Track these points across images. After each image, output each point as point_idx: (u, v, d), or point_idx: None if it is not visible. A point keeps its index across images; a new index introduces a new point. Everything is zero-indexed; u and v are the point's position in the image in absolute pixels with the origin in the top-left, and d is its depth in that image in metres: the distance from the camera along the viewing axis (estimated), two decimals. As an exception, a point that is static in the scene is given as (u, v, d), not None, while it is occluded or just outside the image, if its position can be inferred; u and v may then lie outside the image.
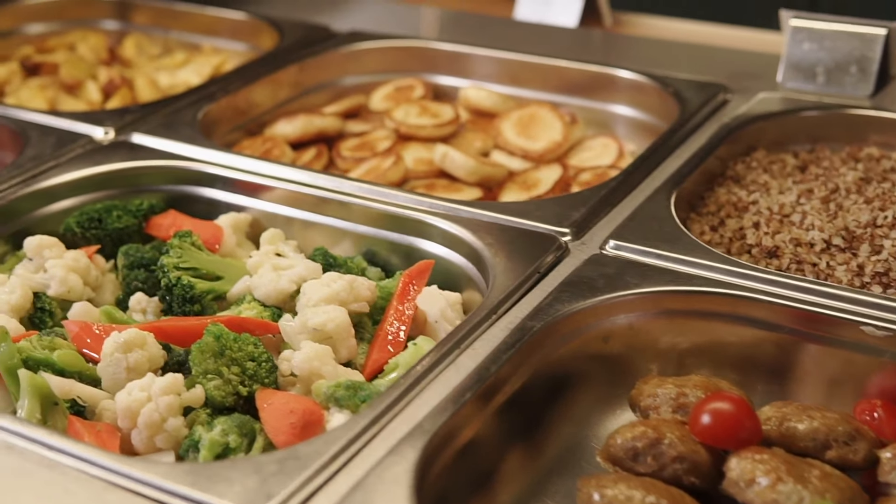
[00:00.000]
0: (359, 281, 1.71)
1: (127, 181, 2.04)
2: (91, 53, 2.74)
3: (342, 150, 2.31)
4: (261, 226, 2.00)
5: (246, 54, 2.79)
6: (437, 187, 2.15)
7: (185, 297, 1.73)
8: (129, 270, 1.85)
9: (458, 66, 2.61)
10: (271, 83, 2.47)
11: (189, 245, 1.81)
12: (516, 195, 2.12)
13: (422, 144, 2.30)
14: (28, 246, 1.82)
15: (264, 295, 1.73)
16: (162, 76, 2.61)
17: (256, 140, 2.32)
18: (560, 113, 2.33)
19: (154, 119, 2.24)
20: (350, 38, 2.64)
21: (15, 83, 2.62)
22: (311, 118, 2.36)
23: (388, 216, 1.90)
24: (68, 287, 1.77)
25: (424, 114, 2.36)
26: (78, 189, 2.01)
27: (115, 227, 1.93)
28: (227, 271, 1.81)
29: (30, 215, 1.97)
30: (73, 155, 2.09)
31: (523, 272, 1.66)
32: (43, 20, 2.98)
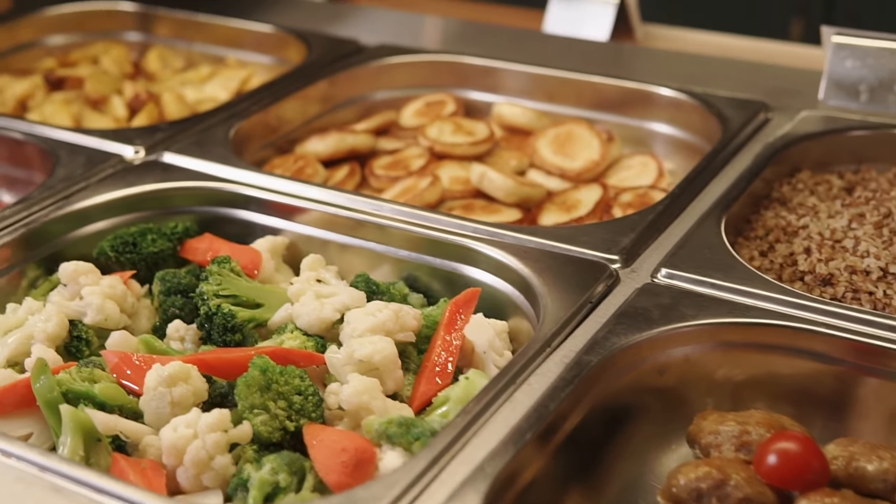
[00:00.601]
0: (404, 310, 1.66)
1: (159, 202, 2.00)
2: (115, 67, 2.69)
3: (375, 169, 2.27)
4: (297, 249, 1.96)
5: (272, 68, 2.75)
6: (475, 208, 2.11)
7: (225, 326, 1.69)
8: (166, 297, 1.80)
9: (490, 81, 2.56)
10: (301, 99, 2.42)
11: (228, 271, 1.77)
12: (556, 216, 2.08)
13: (457, 163, 2.26)
14: (63, 272, 1.78)
15: (307, 324, 1.68)
16: (188, 91, 2.57)
17: (288, 158, 2.28)
18: (597, 130, 2.29)
19: (184, 137, 2.20)
20: (379, 53, 2.60)
21: (38, 97, 2.58)
22: (343, 136, 2.31)
23: (429, 241, 1.86)
24: (105, 315, 1.72)
25: (459, 131, 2.32)
26: (110, 211, 1.97)
27: (149, 251, 1.88)
28: (267, 298, 1.76)
29: (62, 238, 1.92)
30: (104, 175, 2.05)
31: (575, 302, 1.62)
32: (64, 32, 2.94)
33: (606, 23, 2.72)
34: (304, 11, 3.00)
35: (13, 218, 1.90)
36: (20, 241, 1.86)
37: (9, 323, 1.72)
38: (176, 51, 2.91)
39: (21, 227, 1.88)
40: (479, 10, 3.07)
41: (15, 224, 1.89)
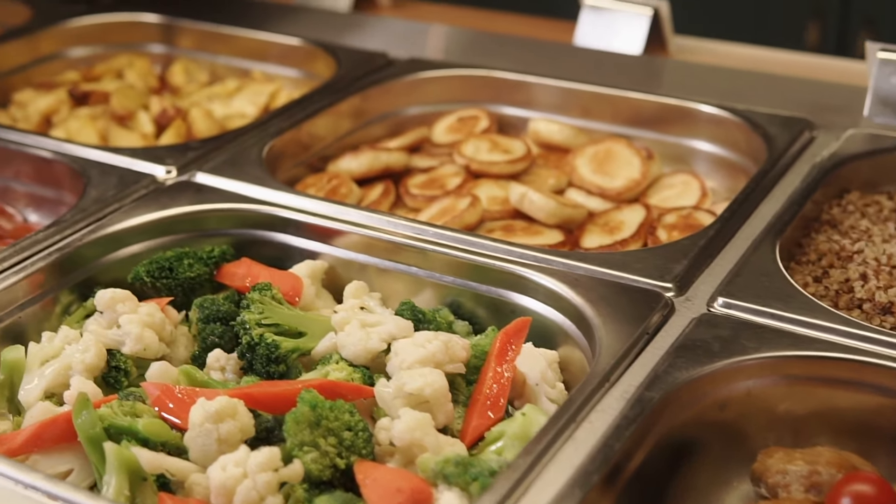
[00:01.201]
0: (454, 340, 1.62)
1: (194, 225, 1.95)
2: (140, 81, 2.64)
3: (410, 188, 2.22)
4: (335, 273, 1.91)
5: (300, 81, 2.70)
6: (516, 230, 2.06)
7: (269, 357, 1.64)
8: (205, 324, 1.75)
9: (523, 95, 2.51)
10: (333, 115, 2.37)
11: (269, 299, 1.72)
12: (599, 238, 2.03)
13: (494, 182, 2.21)
14: (100, 300, 1.73)
15: (353, 354, 1.63)
16: (215, 106, 2.52)
17: (321, 177, 2.23)
18: (637, 148, 2.24)
19: (216, 156, 2.15)
20: (411, 67, 2.55)
21: (63, 113, 2.53)
22: (377, 154, 2.26)
23: (474, 266, 1.81)
24: (144, 345, 1.68)
25: (495, 149, 2.27)
26: (144, 234, 1.92)
27: (186, 276, 1.83)
28: (309, 327, 1.72)
29: (95, 262, 1.87)
30: (136, 196, 2.00)
31: (631, 333, 1.57)
32: (86, 44, 2.88)
33: (640, 35, 2.66)
34: (327, 22, 2.94)
35: (46, 242, 1.85)
36: (54, 267, 1.81)
37: (45, 352, 1.67)
38: (199, 63, 2.86)
39: (55, 251, 1.83)
40: (506, 21, 3.02)
41: (48, 248, 1.84)
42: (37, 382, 1.63)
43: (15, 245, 1.84)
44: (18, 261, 1.81)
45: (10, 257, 1.81)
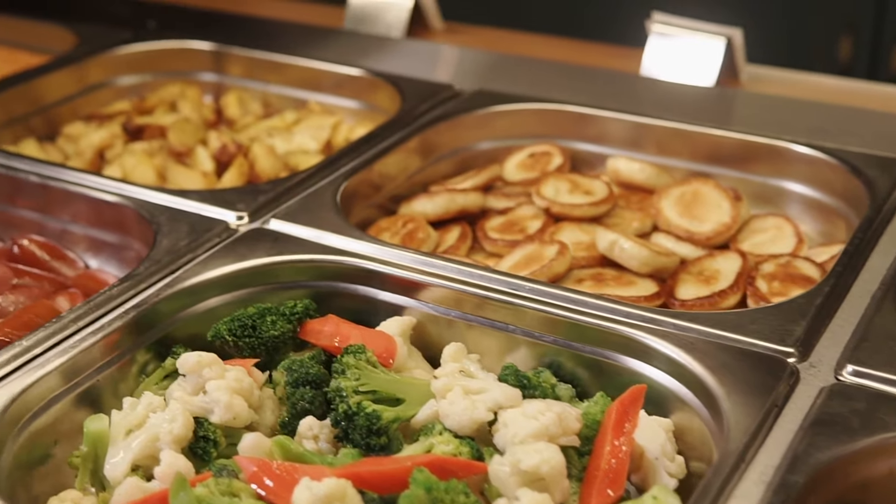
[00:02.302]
0: (567, 412, 1.52)
1: (272, 277, 1.85)
2: (195, 113, 2.54)
3: (488, 231, 2.12)
4: (422, 329, 1.81)
5: (360, 113, 2.60)
6: (607, 279, 1.96)
7: (370, 429, 1.54)
8: (294, 388, 1.65)
9: (595, 130, 2.41)
10: (403, 152, 2.28)
11: (365, 363, 1.62)
12: (695, 289, 1.93)
13: (576, 225, 2.12)
14: (185, 364, 1.62)
15: (457, 425, 1.53)
16: (276, 141, 2.42)
17: (395, 220, 2.13)
18: (725, 189, 2.14)
19: (287, 199, 2.05)
20: (479, 100, 2.45)
21: (117, 148, 2.43)
22: (453, 196, 2.17)
23: (573, 325, 1.71)
24: (234, 413, 1.58)
25: (576, 190, 2.18)
26: (221, 287, 1.82)
27: (270, 335, 1.73)
28: (407, 392, 1.62)
29: (171, 319, 1.78)
30: (210, 246, 1.90)
31: (758, 405, 1.47)
32: (134, 72, 2.79)
33: (713, 65, 2.57)
34: (381, 49, 2.86)
35: (121, 297, 1.76)
36: (131, 325, 1.71)
37: (129, 421, 1.58)
38: (251, 93, 2.76)
39: (132, 308, 1.73)
40: (565, 47, 2.92)
41: (124, 304, 1.75)
42: (123, 455, 1.53)
43: (89, 302, 1.74)
44: (94, 319, 1.71)
45: (86, 315, 1.71)
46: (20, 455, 1.53)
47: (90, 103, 2.71)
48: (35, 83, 2.63)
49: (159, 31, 2.94)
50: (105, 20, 3.02)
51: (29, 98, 2.62)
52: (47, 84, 2.65)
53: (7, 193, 2.22)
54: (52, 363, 1.61)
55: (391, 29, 2.93)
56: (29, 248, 2.07)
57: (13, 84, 2.59)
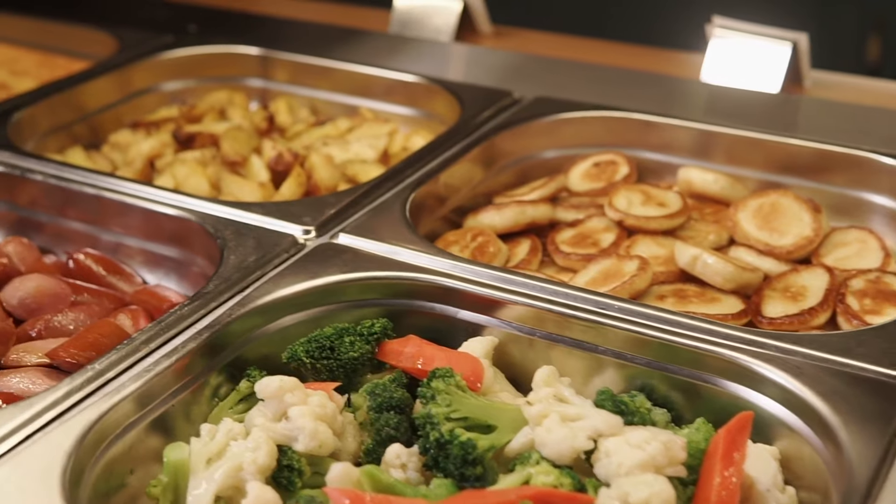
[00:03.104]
0: (673, 440, 1.44)
1: (345, 294, 1.78)
2: (246, 121, 2.47)
3: (560, 245, 2.05)
4: (502, 349, 1.73)
5: (415, 120, 2.53)
6: (689, 296, 1.89)
7: (465, 459, 1.46)
8: (378, 414, 1.58)
9: (660, 138, 2.34)
10: (467, 162, 2.20)
11: (454, 387, 1.55)
12: (782, 307, 1.85)
13: (651, 238, 2.04)
14: (265, 389, 1.55)
15: (555, 454, 1.46)
16: (333, 150, 2.34)
17: (464, 233, 2.06)
18: (805, 201, 2.07)
19: (354, 212, 1.98)
20: (541, 108, 2.37)
21: (167, 157, 2.35)
22: (522, 208, 2.09)
23: (663, 346, 1.64)
24: (319, 441, 1.50)
25: (649, 202, 2.10)
26: (293, 306, 1.75)
27: (349, 356, 1.66)
28: (499, 418, 1.54)
29: (243, 339, 1.70)
30: (279, 262, 1.83)
31: (878, 435, 1.40)
32: (178, 77, 2.71)
33: (778, 71, 2.49)
34: (431, 53, 2.79)
35: (192, 317, 1.68)
36: (204, 348, 1.64)
37: (209, 450, 1.50)
38: (298, 98, 2.69)
39: (204, 330, 1.65)
40: (617, 51, 2.84)
41: (195, 324, 1.67)
42: (206, 487, 1.46)
43: (160, 322, 1.66)
44: (165, 340, 1.63)
45: (157, 336, 1.64)
46: (98, 485, 1.46)
47: (134, 110, 2.64)
48: (78, 89, 2.55)
49: (200, 34, 2.87)
50: (144, 24, 2.95)
51: (72, 105, 2.54)
52: (90, 90, 2.58)
53: (57, 204, 2.15)
54: (126, 388, 1.54)
55: (439, 33, 2.86)
56: (85, 262, 1.99)
57: (56, 91, 2.52)
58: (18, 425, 1.46)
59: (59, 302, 1.89)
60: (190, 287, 2.01)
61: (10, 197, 2.17)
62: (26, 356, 1.75)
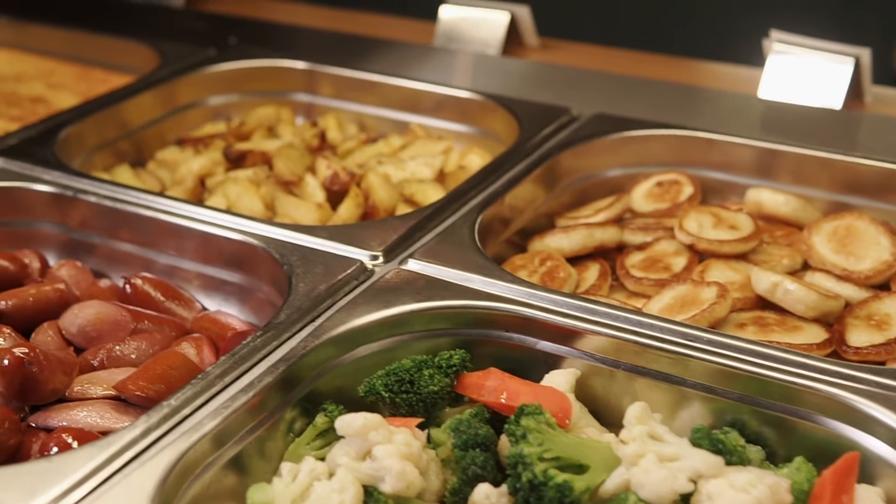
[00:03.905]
0: (778, 483, 1.39)
1: (419, 324, 1.72)
2: (297, 138, 2.41)
3: (630, 269, 1.99)
4: (584, 381, 1.68)
5: (468, 137, 2.47)
6: (770, 324, 1.83)
7: (561, 502, 1.40)
8: (464, 451, 1.52)
9: (722, 157, 2.28)
10: (530, 183, 2.14)
11: (545, 425, 1.49)
12: (867, 335, 1.80)
13: (724, 263, 1.99)
14: (349, 426, 1.49)
15: (654, 496, 1.40)
16: (389, 169, 2.28)
17: (531, 257, 2.00)
18: (882, 223, 2.01)
19: (421, 235, 1.92)
20: (601, 125, 2.32)
21: (218, 175, 2.29)
22: (591, 231, 2.04)
23: (753, 379, 1.58)
24: (407, 482, 1.44)
25: (720, 225, 2.04)
26: (368, 336, 1.69)
27: (429, 390, 1.60)
28: (590, 457, 1.48)
29: (317, 372, 1.65)
30: (349, 288, 1.77)
31: None
32: (223, 92, 2.66)
33: (840, 87, 2.44)
34: (481, 67, 2.73)
35: (266, 349, 1.62)
36: (280, 382, 1.58)
37: (292, 491, 1.45)
38: (346, 114, 2.63)
39: (280, 363, 1.60)
40: (675, 66, 2.79)
41: (269, 356, 1.61)
42: (292, 531, 1.40)
43: (233, 355, 1.60)
44: (240, 374, 1.58)
45: (231, 370, 1.58)
46: (180, 529, 1.41)
47: (177, 125, 2.59)
48: (122, 105, 2.50)
49: (241, 47, 2.81)
50: (181, 35, 2.90)
51: (116, 121, 2.48)
52: (134, 106, 2.52)
53: (109, 226, 2.09)
54: (204, 426, 1.48)
55: (487, 46, 2.80)
56: (143, 287, 1.93)
57: (101, 107, 2.46)
58: (97, 466, 1.40)
59: (120, 330, 1.83)
60: (251, 313, 1.95)
61: (61, 218, 2.12)
62: (91, 388, 1.69)
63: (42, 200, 2.10)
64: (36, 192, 2.10)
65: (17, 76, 2.93)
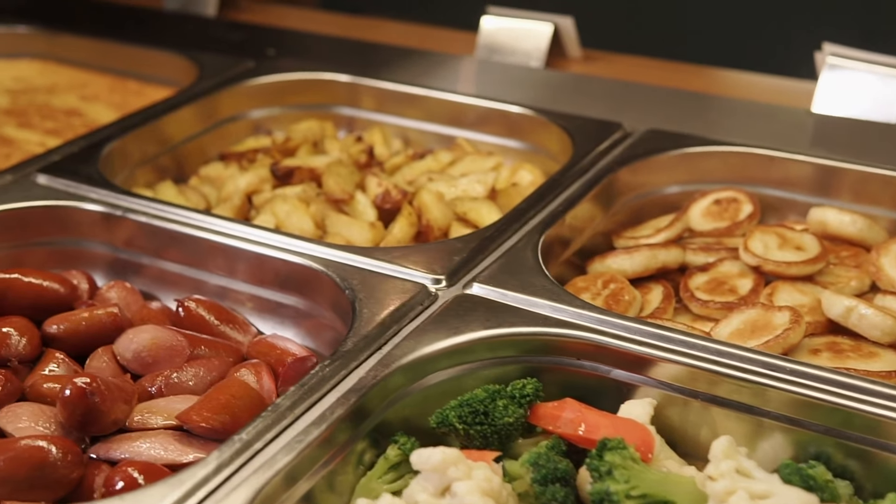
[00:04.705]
0: (878, 524, 1.34)
1: (488, 351, 1.67)
2: (343, 153, 2.36)
3: (695, 292, 1.94)
4: (659, 411, 1.63)
5: (519, 153, 2.43)
6: (844, 350, 1.78)
7: (652, 541, 1.36)
8: (543, 486, 1.47)
9: (780, 174, 2.23)
10: (589, 202, 2.09)
11: (630, 461, 1.44)
12: (945, 362, 1.75)
13: (791, 285, 1.94)
14: (426, 461, 1.44)
15: (748, 536, 1.36)
16: (440, 186, 2.23)
17: (594, 279, 1.95)
18: (951, 246, 1.96)
19: (482, 257, 1.87)
20: (656, 142, 2.27)
21: (265, 192, 2.24)
22: (654, 252, 1.99)
23: (836, 410, 1.53)
24: (489, 520, 1.40)
25: (785, 246, 2.00)
26: (436, 364, 1.64)
27: (504, 422, 1.56)
28: (676, 494, 1.43)
29: (386, 402, 1.60)
30: (413, 314, 1.73)
31: None
32: (263, 105, 2.61)
33: (892, 100, 2.39)
34: (525, 81, 2.68)
35: (335, 379, 1.57)
36: (351, 415, 1.53)
37: (367, 529, 1.40)
38: (389, 128, 2.58)
39: (351, 393, 1.55)
40: (723, 78, 2.74)
41: (338, 386, 1.56)
42: (375, 572, 1.36)
43: (302, 385, 1.55)
44: (310, 405, 1.53)
45: (301, 401, 1.53)
46: (257, 572, 1.36)
47: (218, 139, 2.54)
48: (163, 120, 2.45)
49: (279, 59, 2.76)
50: (219, 47, 2.86)
51: (157, 135, 2.44)
52: (175, 120, 2.48)
53: (156, 245, 2.04)
54: (278, 462, 1.43)
55: (530, 58, 2.75)
56: (196, 310, 1.88)
57: (143, 121, 2.41)
58: (171, 505, 1.35)
59: (176, 355, 1.78)
60: (308, 336, 1.90)
61: (107, 237, 2.07)
62: (151, 417, 1.64)
63: (89, 219, 2.05)
64: (84, 211, 2.05)
65: (49, 88, 2.89)
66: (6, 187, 2.12)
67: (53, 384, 1.69)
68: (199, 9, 3.18)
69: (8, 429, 1.59)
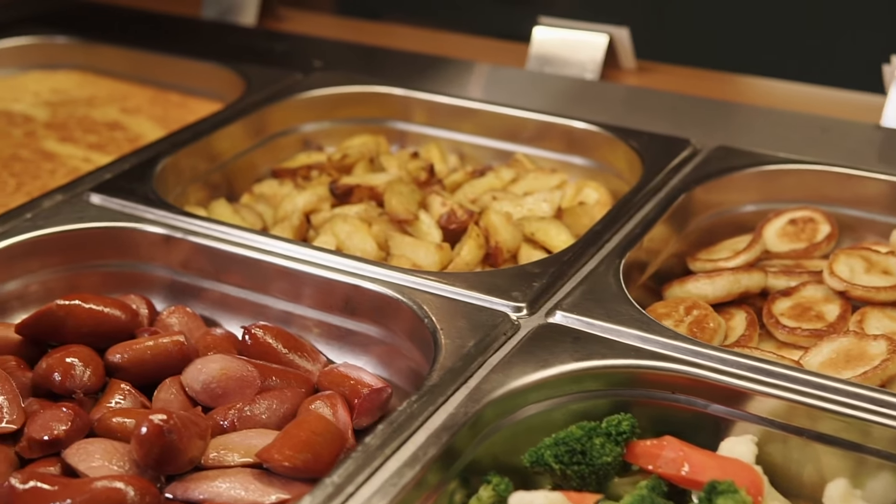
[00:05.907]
0: None
1: (578, 385, 1.60)
2: (402, 170, 2.28)
3: (780, 318, 1.87)
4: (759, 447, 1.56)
5: (581, 169, 2.35)
6: (941, 381, 1.71)
7: None
8: (647, 531, 1.40)
9: (852, 192, 2.16)
10: (664, 223, 2.02)
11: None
12: None
13: (880, 311, 1.86)
14: (525, 506, 1.37)
15: (871, 587, 1.29)
16: (506, 205, 2.16)
17: (675, 305, 1.87)
18: None
19: (562, 282, 1.80)
20: (728, 160, 2.19)
21: (324, 212, 2.17)
22: (736, 276, 1.91)
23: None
24: (598, 569, 1.33)
25: (872, 269, 1.92)
26: (525, 399, 1.57)
27: (602, 461, 1.48)
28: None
29: (477, 438, 1.52)
30: (497, 345, 1.65)
31: None
32: (313, 119, 2.54)
33: (970, 117, 2.32)
34: (582, 94, 2.60)
35: (423, 416, 1.50)
36: (444, 454, 1.46)
37: (472, 579, 1.33)
38: (444, 143, 2.51)
39: (442, 431, 1.47)
40: (785, 92, 2.67)
41: (426, 422, 1.49)
42: None
43: (391, 423, 1.48)
44: (399, 444, 1.45)
45: (391, 440, 1.45)
46: None
47: (267, 155, 2.47)
48: (213, 135, 2.37)
49: (326, 71, 2.69)
50: (263, 58, 2.78)
51: (206, 151, 2.36)
52: (225, 135, 2.40)
53: (216, 268, 1.97)
54: (372, 508, 1.36)
55: (584, 70, 2.68)
56: (263, 338, 1.80)
57: (194, 137, 2.34)
58: (265, 556, 1.28)
59: (247, 387, 1.70)
60: (380, 365, 1.83)
61: (165, 260, 1.99)
62: (227, 454, 1.57)
63: (148, 241, 1.98)
64: (143, 233, 1.97)
65: (88, 100, 2.82)
66: (59, 207, 2.04)
67: (122, 418, 1.62)
68: (238, 17, 3.10)
69: (80, 468, 1.52)
